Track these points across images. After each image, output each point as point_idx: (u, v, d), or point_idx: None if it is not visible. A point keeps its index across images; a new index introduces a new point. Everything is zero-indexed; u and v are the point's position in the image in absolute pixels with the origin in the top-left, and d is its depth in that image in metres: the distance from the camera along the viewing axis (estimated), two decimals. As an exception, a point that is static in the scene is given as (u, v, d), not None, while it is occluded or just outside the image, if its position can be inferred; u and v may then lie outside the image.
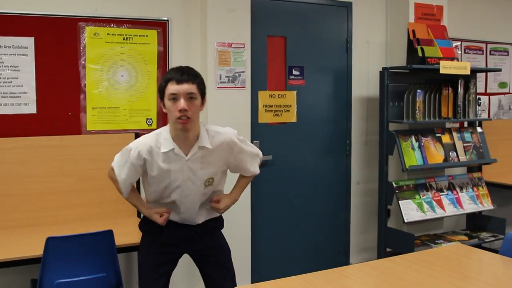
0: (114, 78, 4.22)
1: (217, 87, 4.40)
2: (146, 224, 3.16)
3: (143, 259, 3.16)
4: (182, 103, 2.72)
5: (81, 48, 4.10)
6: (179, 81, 2.74)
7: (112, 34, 4.20)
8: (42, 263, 3.08)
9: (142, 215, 3.23)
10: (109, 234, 3.21)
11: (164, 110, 2.87)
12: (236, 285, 3.10)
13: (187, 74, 2.78)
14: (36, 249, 3.16)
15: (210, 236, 3.18)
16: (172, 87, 2.75)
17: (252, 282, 4.56)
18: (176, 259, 3.18)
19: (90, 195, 4.07)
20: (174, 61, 4.41)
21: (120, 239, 3.37)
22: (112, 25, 4.19)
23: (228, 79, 4.45)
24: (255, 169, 3.20)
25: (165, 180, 2.93)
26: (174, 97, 2.75)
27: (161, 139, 2.89)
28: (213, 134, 2.95)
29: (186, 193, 2.97)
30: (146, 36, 4.31)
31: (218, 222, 3.23)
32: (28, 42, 3.94)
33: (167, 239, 3.09)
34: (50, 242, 3.07)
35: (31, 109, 3.98)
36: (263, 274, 4.67)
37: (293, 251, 5.01)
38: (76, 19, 4.07)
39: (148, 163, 2.90)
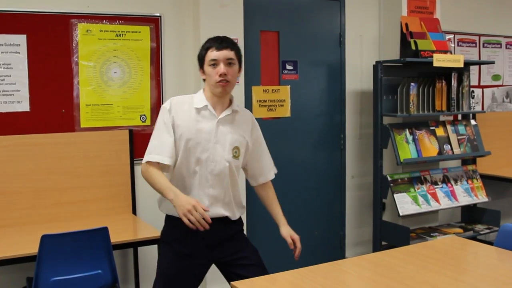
0: (107, 74, 4.21)
1: (211, 83, 4.38)
2: (168, 232, 3.02)
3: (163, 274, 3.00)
4: (222, 67, 2.85)
5: (73, 45, 4.09)
6: (219, 48, 2.88)
7: (105, 31, 4.19)
8: (37, 261, 3.06)
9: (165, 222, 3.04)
10: (104, 231, 3.20)
11: (203, 77, 2.96)
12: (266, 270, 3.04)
13: (226, 42, 2.92)
14: (31, 247, 3.15)
15: (238, 239, 3.07)
16: (212, 54, 2.87)
17: (248, 277, 4.55)
18: (203, 272, 3.05)
19: (84, 192, 4.07)
20: (167, 57, 4.41)
21: (116, 236, 3.36)
22: (104, 21, 4.17)
23: (222, 75, 4.44)
24: (272, 168, 3.26)
25: (194, 139, 2.87)
26: (215, 63, 2.87)
27: (195, 98, 2.98)
28: (240, 106, 3.11)
29: (215, 158, 2.89)
30: (139, 32, 4.29)
31: (241, 224, 3.14)
32: (20, 39, 3.93)
33: (192, 248, 2.92)
34: (45, 239, 3.06)
35: (24, 107, 3.96)
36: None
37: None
38: (68, 16, 4.06)
39: (179, 116, 2.90)
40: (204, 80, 2.97)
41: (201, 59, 2.94)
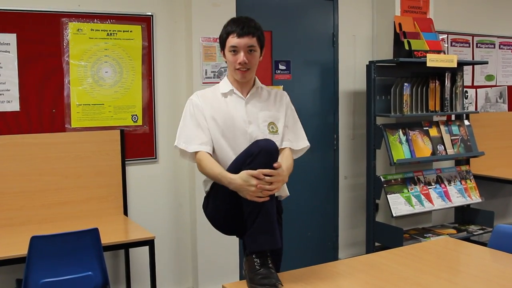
0: (99, 74, 4.17)
1: (203, 83, 4.36)
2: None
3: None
4: (242, 56, 2.78)
5: (64, 44, 4.05)
6: (240, 35, 2.77)
7: (96, 30, 4.15)
8: (26, 262, 3.04)
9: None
10: (94, 232, 3.17)
11: (224, 59, 2.90)
12: (279, 269, 2.94)
13: (248, 27, 2.79)
14: (21, 249, 3.12)
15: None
16: (233, 40, 2.78)
17: (241, 279, 4.53)
18: None
19: (75, 193, 4.03)
20: (159, 57, 4.38)
21: (107, 237, 3.34)
22: (95, 20, 4.14)
23: (214, 74, 4.42)
24: (287, 141, 3.06)
25: (227, 125, 2.82)
26: (235, 50, 2.79)
27: (220, 86, 2.94)
28: (269, 87, 3.03)
29: (252, 139, 2.77)
30: (130, 31, 4.26)
31: (280, 208, 3.05)
32: (10, 38, 3.89)
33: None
34: (35, 241, 3.03)
35: (14, 106, 3.92)
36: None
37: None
38: (59, 15, 4.02)
39: (207, 107, 2.84)
40: (226, 62, 2.92)
41: (222, 43, 2.87)
